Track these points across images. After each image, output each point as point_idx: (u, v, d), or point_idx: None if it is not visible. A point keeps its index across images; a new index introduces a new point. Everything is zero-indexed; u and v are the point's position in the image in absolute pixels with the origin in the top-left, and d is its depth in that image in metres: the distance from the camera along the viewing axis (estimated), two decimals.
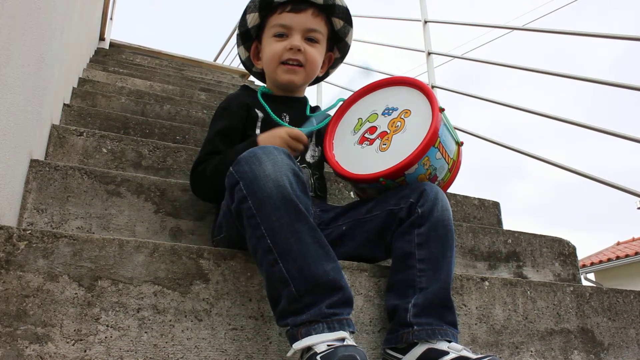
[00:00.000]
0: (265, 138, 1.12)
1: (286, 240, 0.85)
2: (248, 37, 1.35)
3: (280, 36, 1.27)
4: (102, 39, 4.61)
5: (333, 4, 1.29)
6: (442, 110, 1.10)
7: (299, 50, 1.26)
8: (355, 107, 1.27)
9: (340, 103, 1.29)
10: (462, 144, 1.17)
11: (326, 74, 1.44)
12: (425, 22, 3.07)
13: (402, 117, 1.15)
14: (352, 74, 1.21)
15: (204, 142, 1.25)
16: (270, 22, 1.29)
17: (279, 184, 0.87)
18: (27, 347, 0.78)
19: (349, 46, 1.39)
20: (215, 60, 5.74)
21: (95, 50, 4.16)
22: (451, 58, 3.30)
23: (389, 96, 1.22)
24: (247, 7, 1.31)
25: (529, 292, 1.22)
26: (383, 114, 1.19)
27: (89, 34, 3.32)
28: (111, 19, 4.84)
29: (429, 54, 3.00)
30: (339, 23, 1.34)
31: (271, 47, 1.28)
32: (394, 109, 1.18)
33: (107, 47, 4.64)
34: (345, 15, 1.33)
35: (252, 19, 1.31)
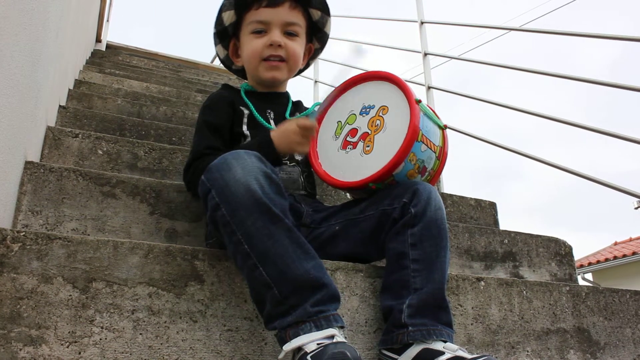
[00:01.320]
0: (277, 134, 1.12)
1: (263, 243, 0.84)
2: (225, 35, 1.33)
3: (259, 32, 1.26)
4: (98, 40, 4.61)
5: None
6: (418, 102, 1.06)
7: (280, 45, 1.24)
8: (332, 110, 1.23)
9: (318, 107, 1.26)
10: (445, 127, 1.14)
11: (307, 66, 1.42)
12: (422, 22, 3.08)
13: (381, 114, 1.12)
14: (346, 53, 1.15)
15: (195, 139, 1.22)
16: (247, 18, 1.27)
17: (249, 188, 0.86)
18: (21, 350, 0.78)
19: (328, 36, 1.37)
20: (212, 61, 5.73)
21: (92, 52, 4.15)
22: (448, 59, 3.30)
23: (364, 93, 1.18)
24: (222, 5, 1.29)
25: (525, 292, 1.22)
26: (361, 113, 1.16)
27: (85, 36, 3.32)
28: (108, 20, 4.84)
29: (426, 54, 3.01)
30: (316, 14, 1.32)
31: (251, 45, 1.26)
32: (370, 107, 1.15)
33: (104, 49, 4.64)
34: (323, 5, 1.31)
35: (228, 16, 1.29)
